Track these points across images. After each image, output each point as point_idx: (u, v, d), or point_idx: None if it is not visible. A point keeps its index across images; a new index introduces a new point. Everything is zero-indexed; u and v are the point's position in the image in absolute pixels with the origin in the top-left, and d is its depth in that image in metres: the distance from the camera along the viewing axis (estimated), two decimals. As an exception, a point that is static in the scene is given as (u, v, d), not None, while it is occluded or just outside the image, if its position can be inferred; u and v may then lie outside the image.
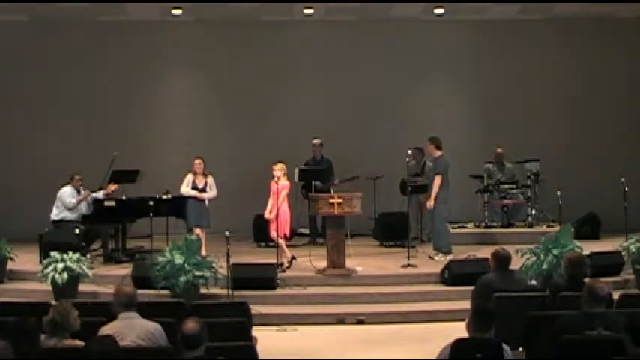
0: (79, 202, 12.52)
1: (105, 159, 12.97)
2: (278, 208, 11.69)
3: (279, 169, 11.75)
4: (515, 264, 9.68)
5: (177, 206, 12.70)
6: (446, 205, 12.46)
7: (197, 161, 12.73)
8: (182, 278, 10.05)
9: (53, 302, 7.21)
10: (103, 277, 11.14)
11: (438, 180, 12.34)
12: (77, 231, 11.67)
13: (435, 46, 16.17)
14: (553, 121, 16.10)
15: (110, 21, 15.67)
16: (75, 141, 15.59)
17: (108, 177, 12.79)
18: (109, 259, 12.44)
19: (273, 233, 11.86)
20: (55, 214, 12.52)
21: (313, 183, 13.14)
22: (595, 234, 14.13)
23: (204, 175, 12.74)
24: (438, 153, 12.56)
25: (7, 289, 11.25)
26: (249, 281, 10.56)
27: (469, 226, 14.70)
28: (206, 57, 16.04)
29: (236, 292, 10.16)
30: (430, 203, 12.34)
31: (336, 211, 11.38)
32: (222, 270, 10.42)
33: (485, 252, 11.12)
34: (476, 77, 16.21)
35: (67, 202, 12.45)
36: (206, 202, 12.69)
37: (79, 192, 12.60)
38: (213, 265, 10.42)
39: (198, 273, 10.16)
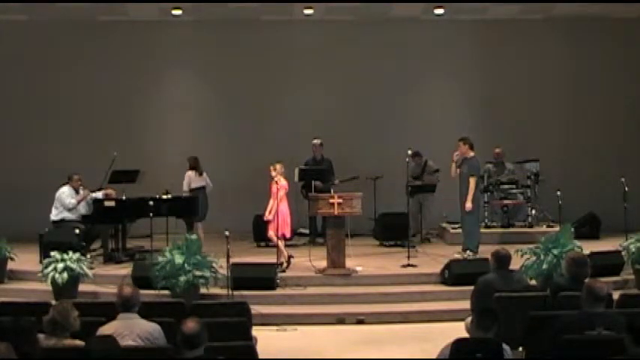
0: (78, 202, 12.52)
1: (105, 159, 12.98)
2: (277, 209, 11.69)
3: (275, 170, 11.76)
4: (515, 264, 9.68)
5: (177, 206, 12.70)
6: (479, 206, 12.40)
7: None
8: (182, 278, 10.05)
9: (53, 302, 7.21)
10: (103, 277, 11.14)
11: (473, 181, 12.22)
12: (77, 231, 11.66)
13: (435, 46, 16.16)
14: (553, 121, 16.10)
15: (110, 21, 15.67)
16: (75, 141, 15.59)
17: (108, 177, 12.78)
18: (109, 259, 12.44)
19: (270, 233, 11.87)
20: (55, 215, 12.51)
21: (313, 183, 13.14)
22: (595, 234, 14.13)
23: None
24: (471, 153, 12.44)
25: (7, 289, 11.25)
26: (249, 281, 10.56)
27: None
28: (206, 57, 16.05)
29: (236, 292, 10.17)
30: (468, 205, 12.14)
31: (336, 211, 11.37)
32: (222, 270, 10.41)
33: (485, 252, 11.12)
34: (476, 77, 16.21)
35: (67, 202, 12.44)
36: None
37: (77, 192, 12.59)
38: (213, 265, 10.41)
39: (198, 273, 10.16)
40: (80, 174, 12.69)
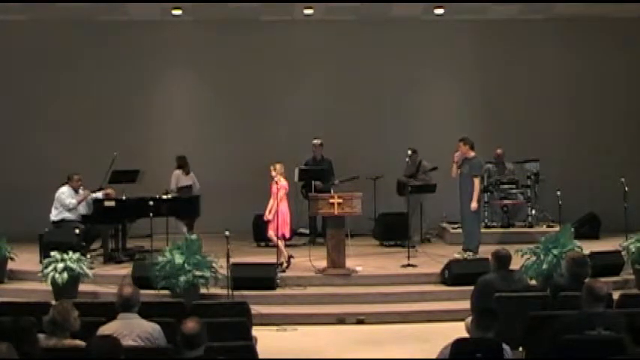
0: (78, 203, 12.51)
1: (105, 159, 12.96)
2: (277, 209, 11.69)
3: (275, 170, 11.76)
4: (515, 264, 9.67)
5: (177, 206, 12.70)
6: (479, 206, 12.45)
7: None
8: (182, 278, 10.05)
9: (53, 302, 7.20)
10: (103, 277, 11.14)
11: (477, 182, 12.22)
12: (77, 231, 11.66)
13: (435, 46, 16.15)
14: (553, 121, 16.09)
15: (110, 21, 15.67)
16: (75, 141, 15.59)
17: (108, 177, 12.78)
18: (109, 259, 12.43)
19: (270, 233, 11.87)
20: (55, 215, 12.49)
21: (313, 183, 13.14)
22: (595, 234, 14.12)
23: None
24: (472, 153, 12.41)
25: (7, 289, 11.25)
26: (249, 281, 10.55)
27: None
28: (206, 57, 16.04)
29: (236, 292, 10.17)
30: (474, 204, 12.15)
31: (336, 211, 11.37)
32: (222, 270, 10.41)
33: (485, 252, 11.12)
34: (476, 77, 16.20)
35: (67, 202, 12.43)
36: None
37: (76, 192, 12.58)
38: (213, 265, 10.41)
39: (198, 273, 10.16)
40: (80, 174, 12.68)
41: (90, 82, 15.78)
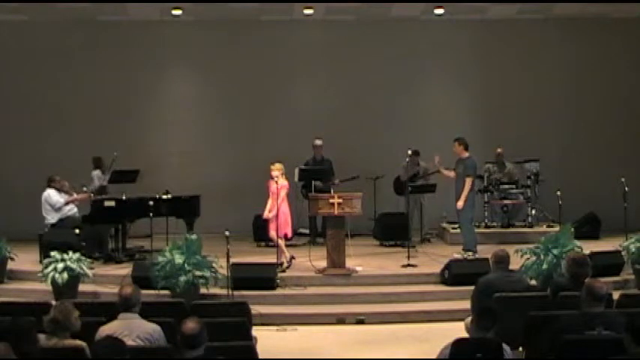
0: (66, 203, 12.48)
1: (105, 159, 12.97)
2: (278, 209, 11.68)
3: (277, 169, 11.75)
4: (515, 264, 9.68)
5: (177, 206, 12.70)
6: (473, 207, 12.45)
7: None
8: (182, 278, 10.05)
9: (53, 302, 7.20)
10: (103, 277, 11.15)
11: (468, 182, 12.20)
12: (77, 231, 11.66)
13: (435, 46, 16.15)
14: (553, 121, 16.10)
15: (110, 21, 15.67)
16: (75, 141, 15.56)
17: (108, 177, 12.78)
18: (109, 259, 12.43)
19: (272, 233, 11.85)
20: (52, 218, 12.46)
21: (313, 183, 13.14)
22: (595, 234, 14.12)
23: None
24: (466, 154, 12.42)
25: (7, 289, 11.25)
26: (249, 281, 10.56)
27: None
28: (206, 57, 16.04)
29: (236, 292, 10.18)
30: (459, 203, 12.18)
31: (336, 211, 11.38)
32: (222, 270, 10.41)
33: (485, 252, 11.12)
34: (476, 77, 16.20)
35: (54, 201, 12.43)
36: None
37: (59, 192, 12.59)
38: (213, 265, 10.41)
39: (198, 273, 10.16)
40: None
41: (90, 82, 15.77)
